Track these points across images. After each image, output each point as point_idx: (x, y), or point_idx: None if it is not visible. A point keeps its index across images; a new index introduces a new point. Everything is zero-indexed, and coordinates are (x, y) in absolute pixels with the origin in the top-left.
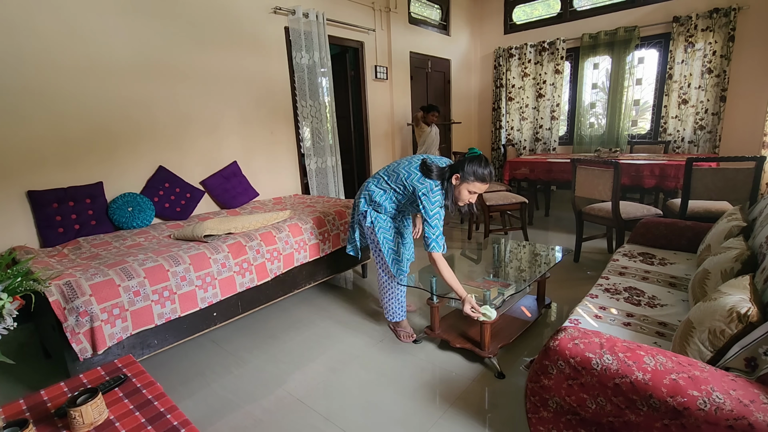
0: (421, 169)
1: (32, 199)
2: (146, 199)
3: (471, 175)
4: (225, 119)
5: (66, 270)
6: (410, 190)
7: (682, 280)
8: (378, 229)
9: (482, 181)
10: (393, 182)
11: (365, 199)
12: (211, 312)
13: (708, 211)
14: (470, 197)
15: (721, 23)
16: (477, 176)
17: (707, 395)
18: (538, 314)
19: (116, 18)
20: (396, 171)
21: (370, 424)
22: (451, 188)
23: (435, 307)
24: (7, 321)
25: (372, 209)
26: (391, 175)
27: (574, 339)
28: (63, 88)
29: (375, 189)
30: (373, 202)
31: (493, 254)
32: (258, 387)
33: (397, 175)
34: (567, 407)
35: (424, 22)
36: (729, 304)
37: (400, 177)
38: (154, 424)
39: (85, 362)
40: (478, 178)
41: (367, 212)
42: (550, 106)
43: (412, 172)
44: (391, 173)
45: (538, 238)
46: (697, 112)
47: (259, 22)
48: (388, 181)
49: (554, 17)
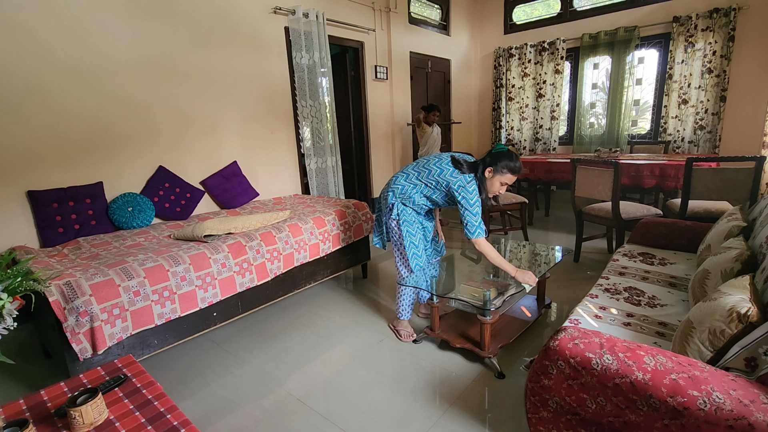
0: (453, 165)
1: (32, 199)
2: (146, 199)
3: (504, 167)
4: (225, 119)
5: (66, 270)
6: (444, 185)
7: (682, 280)
8: (403, 222)
9: (513, 173)
10: (424, 178)
11: (393, 192)
12: (211, 312)
13: (708, 211)
14: (501, 189)
15: (721, 23)
16: (509, 168)
17: (707, 395)
18: (538, 314)
19: (116, 18)
20: (427, 167)
21: (370, 424)
22: (485, 181)
23: (435, 307)
24: (7, 321)
25: (400, 202)
26: (422, 172)
27: (574, 339)
28: (63, 88)
29: (405, 183)
30: (402, 195)
31: None
32: (258, 387)
33: (428, 172)
34: (567, 407)
35: (424, 22)
36: (729, 304)
37: (432, 173)
38: (154, 424)
39: (85, 362)
40: (510, 170)
41: (395, 205)
42: (550, 106)
43: (444, 168)
44: (422, 170)
45: (538, 238)
46: (697, 112)
47: (259, 22)
48: (419, 177)
49: (554, 17)
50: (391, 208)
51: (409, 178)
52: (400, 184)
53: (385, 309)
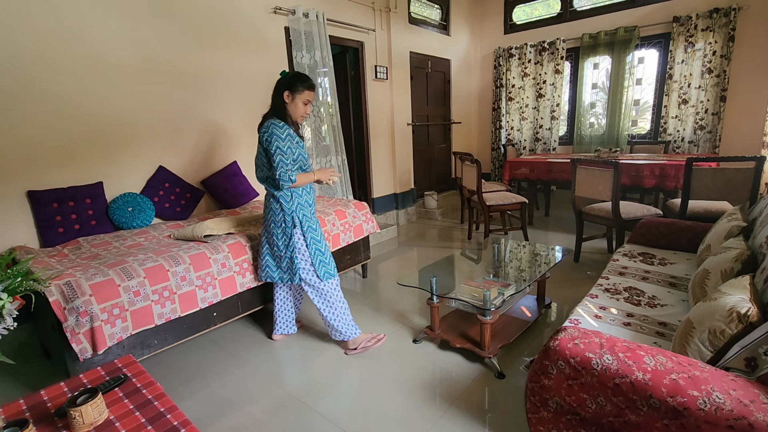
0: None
1: (32, 199)
2: (146, 199)
3: (296, 81)
4: (225, 119)
5: (66, 270)
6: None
7: (682, 280)
8: (307, 230)
9: (311, 89)
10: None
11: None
12: (211, 312)
13: (708, 211)
14: (306, 109)
15: (721, 23)
16: (305, 85)
17: (707, 395)
18: (538, 314)
19: (116, 18)
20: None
21: (370, 424)
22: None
23: (435, 307)
24: (7, 321)
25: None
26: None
27: (574, 339)
28: (63, 88)
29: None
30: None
31: (493, 254)
32: (258, 387)
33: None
34: (567, 407)
35: (424, 22)
36: (729, 304)
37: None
38: (154, 424)
39: (85, 362)
40: (306, 87)
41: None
42: (550, 106)
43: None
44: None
45: (538, 238)
46: (697, 112)
47: (259, 22)
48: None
49: (554, 17)
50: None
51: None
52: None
53: (385, 309)
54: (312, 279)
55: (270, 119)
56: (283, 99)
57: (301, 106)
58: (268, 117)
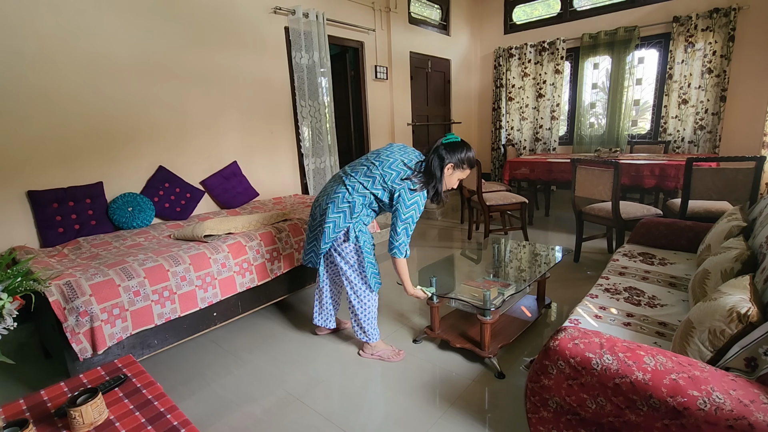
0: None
1: (32, 199)
2: (146, 199)
3: (465, 162)
4: (225, 119)
5: (66, 270)
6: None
7: (682, 280)
8: (363, 243)
9: (471, 167)
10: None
11: (344, 214)
12: (211, 312)
13: (708, 211)
14: (455, 184)
15: (721, 23)
16: (469, 163)
17: (707, 395)
18: (538, 314)
19: (116, 18)
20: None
21: (370, 424)
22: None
23: (435, 307)
24: (7, 321)
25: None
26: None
27: (574, 339)
28: (63, 88)
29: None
30: (355, 214)
31: (493, 254)
32: (258, 387)
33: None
34: (567, 407)
35: (424, 22)
36: (729, 304)
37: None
38: (154, 424)
39: (85, 362)
40: (469, 165)
41: (350, 228)
42: (550, 106)
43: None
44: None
45: (538, 238)
46: (697, 112)
47: (259, 22)
48: (367, 186)
49: (554, 17)
50: (346, 234)
51: (356, 189)
52: (353, 200)
53: (385, 309)
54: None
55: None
56: (443, 169)
57: (455, 181)
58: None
